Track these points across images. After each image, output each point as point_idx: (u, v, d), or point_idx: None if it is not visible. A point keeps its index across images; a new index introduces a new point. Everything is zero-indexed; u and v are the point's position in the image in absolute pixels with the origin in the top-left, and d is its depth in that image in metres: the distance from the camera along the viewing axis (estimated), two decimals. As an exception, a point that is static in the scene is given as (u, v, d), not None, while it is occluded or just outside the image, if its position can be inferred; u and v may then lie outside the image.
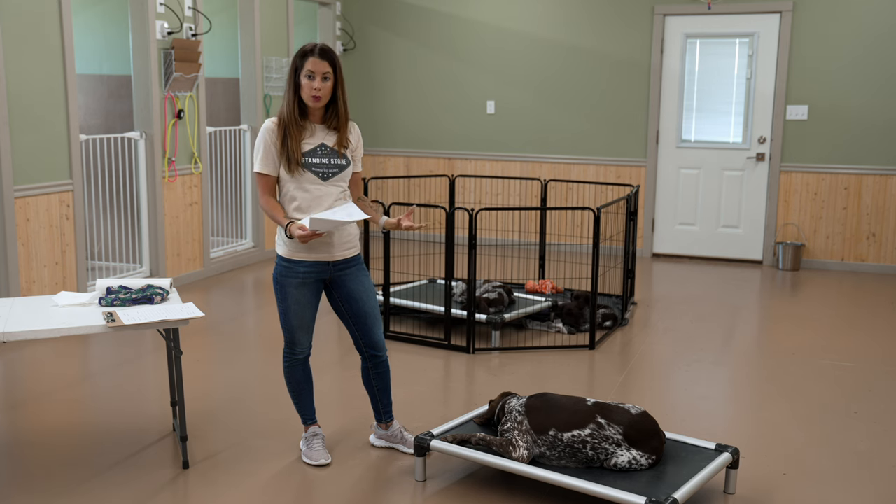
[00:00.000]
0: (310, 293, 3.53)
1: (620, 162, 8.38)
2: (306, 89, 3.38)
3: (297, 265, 3.48)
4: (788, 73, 7.76)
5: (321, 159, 3.44)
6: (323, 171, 3.44)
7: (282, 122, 3.43)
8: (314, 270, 3.50)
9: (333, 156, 3.46)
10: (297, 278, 3.49)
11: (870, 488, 3.52)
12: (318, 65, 3.36)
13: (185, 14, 6.83)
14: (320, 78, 3.37)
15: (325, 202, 3.46)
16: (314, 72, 3.36)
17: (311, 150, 3.43)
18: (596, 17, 8.27)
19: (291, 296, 3.50)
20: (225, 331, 5.70)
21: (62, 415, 4.19)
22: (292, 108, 3.42)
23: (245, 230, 8.02)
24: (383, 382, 3.76)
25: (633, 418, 3.32)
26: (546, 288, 6.43)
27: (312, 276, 3.51)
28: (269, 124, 3.44)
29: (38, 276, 5.66)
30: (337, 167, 3.47)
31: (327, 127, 3.48)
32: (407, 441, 3.80)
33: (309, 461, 3.68)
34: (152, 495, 3.38)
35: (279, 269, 3.52)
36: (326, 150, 3.46)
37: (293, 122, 3.41)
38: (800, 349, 5.41)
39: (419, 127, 9.03)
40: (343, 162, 3.48)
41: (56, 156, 5.76)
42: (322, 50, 3.38)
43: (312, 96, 3.38)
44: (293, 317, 3.54)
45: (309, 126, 3.45)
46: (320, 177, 3.44)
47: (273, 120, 3.45)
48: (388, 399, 3.80)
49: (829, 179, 7.80)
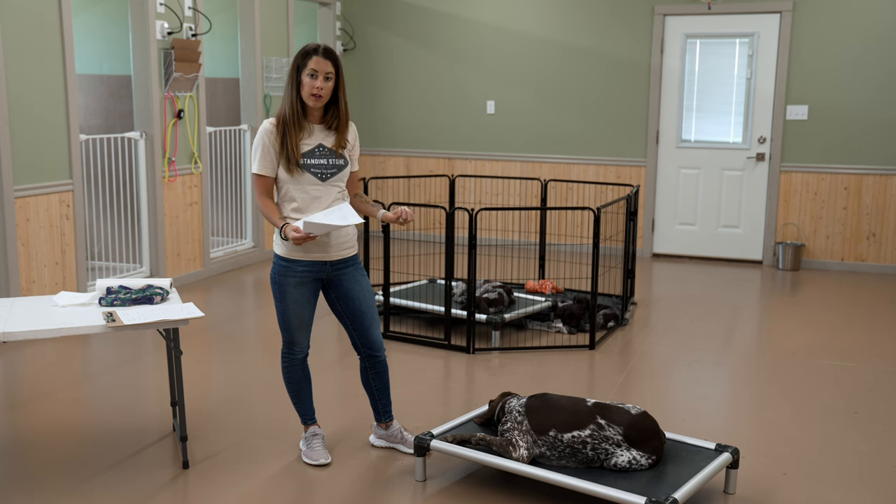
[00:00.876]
0: (308, 292, 3.53)
1: (620, 162, 8.38)
2: (307, 87, 3.38)
3: (294, 265, 3.48)
4: (788, 73, 7.76)
5: (319, 160, 3.43)
6: (321, 171, 3.44)
7: (281, 122, 3.42)
8: (312, 270, 3.50)
9: (332, 156, 3.46)
10: (296, 277, 3.49)
11: (870, 488, 3.52)
12: (322, 64, 3.36)
13: (185, 14, 6.83)
14: (322, 77, 3.37)
15: (323, 202, 3.46)
16: (317, 71, 3.36)
17: (309, 151, 3.43)
18: (596, 17, 8.28)
19: (290, 295, 3.50)
20: (225, 331, 5.70)
21: (62, 415, 4.19)
22: (294, 107, 3.41)
23: (245, 230, 8.02)
24: (382, 382, 3.76)
25: (633, 418, 3.32)
26: (546, 288, 6.43)
27: (310, 276, 3.50)
28: (267, 125, 3.43)
29: (38, 276, 5.66)
30: (335, 167, 3.47)
31: (326, 127, 3.48)
32: (407, 441, 3.80)
33: (309, 461, 3.68)
34: (152, 495, 3.38)
35: (277, 269, 3.52)
36: (325, 150, 3.45)
37: (294, 121, 3.40)
38: (800, 349, 5.41)
39: (419, 127, 9.03)
40: (341, 162, 3.48)
41: (56, 156, 5.76)
42: (326, 50, 3.39)
43: (313, 94, 3.37)
44: (292, 316, 3.54)
45: (307, 126, 3.45)
46: (319, 177, 3.44)
47: (271, 121, 3.44)
48: (387, 399, 3.80)
49: (829, 179, 7.80)
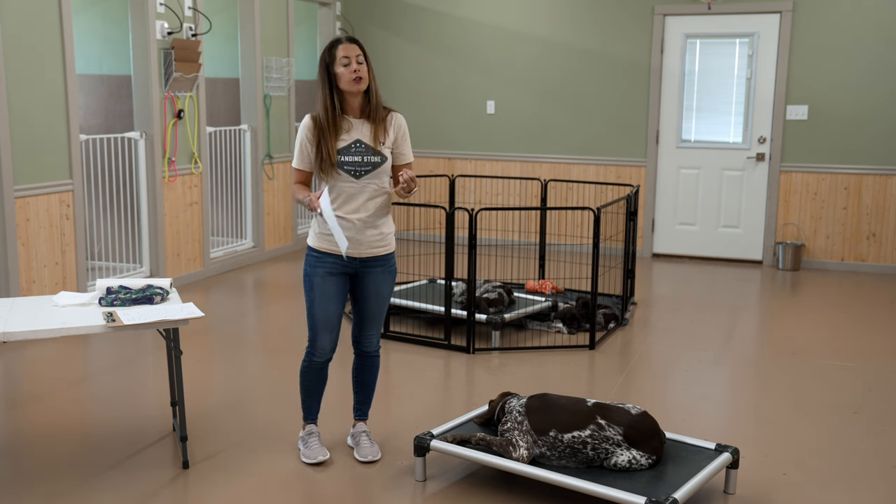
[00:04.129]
0: (335, 285, 3.52)
1: (620, 162, 8.38)
2: (346, 75, 3.38)
3: (325, 256, 3.51)
4: (788, 73, 7.76)
5: (354, 157, 3.43)
6: (355, 169, 3.43)
7: (317, 124, 3.43)
8: (340, 263, 3.51)
9: (368, 153, 3.45)
10: (325, 268, 3.50)
11: (870, 488, 3.52)
12: (351, 49, 3.40)
13: (185, 14, 6.83)
14: (355, 61, 3.39)
15: (358, 199, 3.46)
16: (349, 56, 3.38)
17: (345, 147, 3.42)
18: (596, 17, 8.27)
19: (317, 286, 3.50)
20: (225, 331, 5.70)
21: (62, 415, 4.19)
22: (328, 104, 3.41)
23: (245, 230, 8.02)
24: (366, 378, 3.76)
25: (633, 418, 3.32)
26: (546, 288, 6.43)
27: (338, 268, 3.51)
28: (306, 120, 3.46)
29: (38, 276, 5.66)
30: (370, 164, 3.45)
31: (366, 119, 3.48)
32: (362, 447, 3.71)
33: (307, 460, 3.67)
34: (152, 495, 3.38)
35: (308, 260, 3.55)
36: (361, 147, 3.44)
37: (330, 121, 3.41)
38: (800, 349, 5.41)
39: (419, 127, 9.03)
40: (377, 159, 3.46)
41: (56, 156, 5.76)
42: (349, 37, 3.45)
43: (354, 79, 3.38)
44: (318, 310, 3.52)
45: (346, 122, 3.45)
46: (353, 175, 3.43)
47: (310, 116, 3.47)
48: (364, 396, 3.78)
49: (829, 179, 7.80)
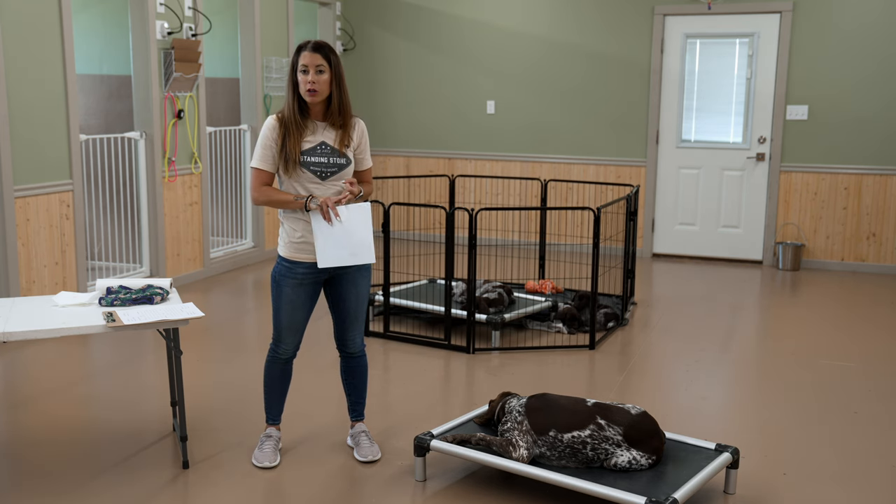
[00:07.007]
0: (305, 295, 3.51)
1: (620, 162, 8.38)
2: (302, 84, 3.37)
3: (296, 266, 3.47)
4: (788, 73, 7.76)
5: (320, 158, 3.42)
6: (321, 170, 3.43)
7: (282, 122, 3.42)
8: (313, 272, 3.49)
9: (333, 154, 3.45)
10: (295, 279, 3.48)
11: (870, 488, 3.52)
12: (311, 58, 3.35)
13: (185, 14, 6.83)
14: (314, 71, 3.35)
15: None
16: (308, 65, 3.35)
17: (310, 149, 3.42)
18: (596, 17, 8.27)
19: (286, 295, 3.49)
20: (225, 331, 5.70)
21: (62, 415, 4.19)
22: (292, 107, 3.40)
23: (245, 230, 8.02)
24: (355, 380, 3.75)
25: (633, 418, 3.32)
26: (546, 288, 6.43)
27: (310, 278, 3.50)
28: (270, 121, 3.43)
29: (38, 276, 5.66)
30: (336, 166, 3.45)
31: (329, 124, 3.47)
32: (362, 447, 3.71)
33: (256, 462, 3.63)
34: (152, 495, 3.38)
35: (278, 269, 3.51)
36: (327, 148, 3.44)
37: (293, 122, 3.40)
38: (800, 349, 5.41)
39: (419, 127, 9.03)
40: (343, 161, 3.46)
41: (56, 156, 5.76)
42: (316, 44, 3.38)
43: (308, 90, 3.36)
44: (284, 316, 3.53)
45: (310, 124, 3.44)
46: (318, 175, 3.43)
47: (275, 117, 3.44)
48: (357, 397, 3.78)
49: (829, 179, 7.80)
